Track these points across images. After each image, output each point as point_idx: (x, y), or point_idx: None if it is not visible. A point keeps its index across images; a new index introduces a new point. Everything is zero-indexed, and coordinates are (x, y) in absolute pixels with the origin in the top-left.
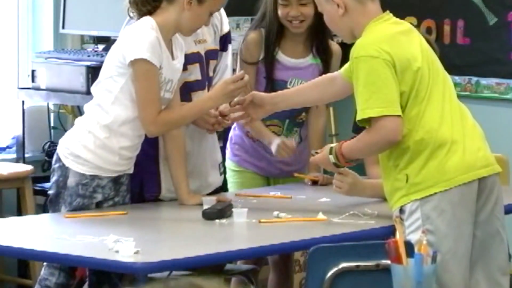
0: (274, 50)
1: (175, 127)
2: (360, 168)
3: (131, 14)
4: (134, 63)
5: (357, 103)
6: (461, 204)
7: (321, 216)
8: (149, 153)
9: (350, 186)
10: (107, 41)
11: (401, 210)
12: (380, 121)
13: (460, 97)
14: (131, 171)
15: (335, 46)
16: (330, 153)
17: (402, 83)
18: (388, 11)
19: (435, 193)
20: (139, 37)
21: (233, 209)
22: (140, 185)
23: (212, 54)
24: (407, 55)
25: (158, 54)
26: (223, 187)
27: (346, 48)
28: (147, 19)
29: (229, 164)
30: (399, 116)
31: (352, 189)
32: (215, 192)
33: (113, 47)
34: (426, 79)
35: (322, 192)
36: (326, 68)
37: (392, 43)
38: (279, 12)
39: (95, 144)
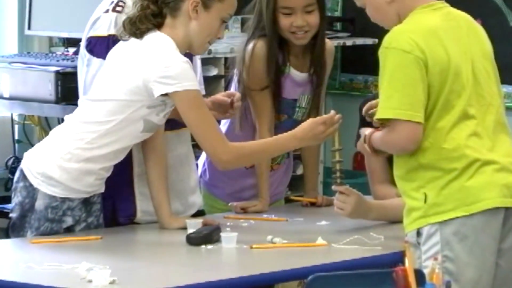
0: (285, 65)
1: (250, 162)
2: (364, 187)
3: (124, 37)
4: (176, 95)
5: (379, 98)
6: (485, 230)
7: (320, 241)
8: (121, 172)
9: (354, 207)
10: (79, 44)
11: (418, 233)
12: (397, 125)
13: None
14: (103, 190)
15: (328, 43)
16: (365, 140)
17: (432, 88)
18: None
19: (457, 217)
20: (170, 63)
21: (221, 233)
22: (112, 208)
23: None
24: (445, 57)
25: (193, 76)
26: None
27: (346, 50)
28: (163, 37)
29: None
30: (419, 123)
31: (356, 211)
32: (198, 214)
33: (122, 63)
34: (463, 89)
35: (321, 214)
36: (320, 79)
37: (430, 39)
38: (281, 22)
39: (73, 165)
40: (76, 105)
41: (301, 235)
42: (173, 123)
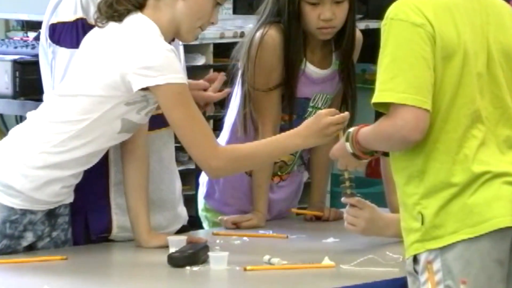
0: (301, 60)
1: (245, 167)
2: (380, 197)
3: (100, 23)
4: (158, 89)
5: (377, 79)
6: (491, 254)
7: (327, 261)
8: (96, 181)
9: (368, 222)
10: (40, 28)
11: (415, 260)
12: (400, 110)
13: None
14: (71, 199)
15: (357, 34)
16: (347, 139)
17: (437, 73)
18: None
19: (459, 241)
20: (152, 52)
21: (210, 253)
22: (84, 222)
23: None
24: (456, 40)
25: (180, 67)
26: (195, 223)
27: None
28: (144, 21)
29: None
30: (428, 111)
31: (370, 227)
32: (183, 229)
33: (97, 52)
34: (476, 84)
35: (328, 230)
36: (351, 76)
37: (443, 16)
38: (307, 14)
39: (38, 172)
40: (38, 100)
41: (304, 254)
42: (154, 122)
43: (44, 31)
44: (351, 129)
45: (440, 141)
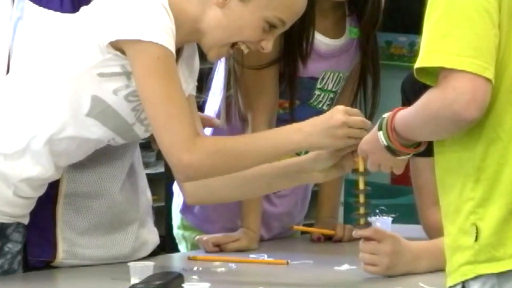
0: (308, 28)
1: (226, 166)
2: (408, 210)
3: None
4: (131, 47)
5: (423, 39)
6: None
7: None
8: (40, 197)
9: (391, 258)
10: None
11: None
12: (452, 78)
13: None
14: (26, 221)
15: None
16: (380, 128)
17: (502, 34)
18: None
19: None
20: (143, 12)
21: (184, 284)
22: (23, 245)
23: None
24: None
25: (173, 44)
26: (167, 244)
27: None
28: None
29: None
30: (489, 81)
31: (395, 264)
32: (152, 253)
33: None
34: None
35: (341, 254)
36: (369, 45)
37: None
38: None
39: None
40: None
41: (311, 287)
42: None
43: None
44: (385, 114)
45: (504, 125)
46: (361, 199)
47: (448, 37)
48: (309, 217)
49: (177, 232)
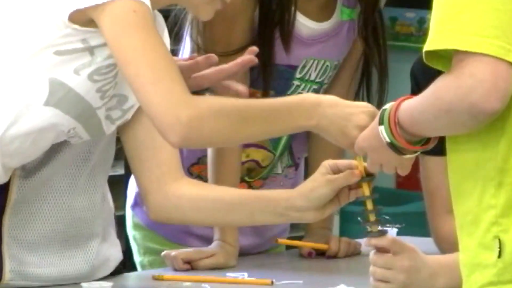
0: (289, 9)
1: (232, 124)
2: (416, 219)
3: None
4: (101, 12)
5: (433, 18)
6: None
7: None
8: None
9: (408, 275)
10: None
11: None
12: (469, 62)
13: None
14: None
15: None
16: (382, 121)
17: None
18: None
19: None
20: None
21: None
22: None
23: None
24: None
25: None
26: (130, 261)
27: None
28: None
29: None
30: None
31: (412, 281)
32: (115, 272)
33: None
34: None
35: (336, 272)
36: (372, 26)
37: None
38: None
39: None
40: None
41: None
42: None
43: None
44: (387, 106)
45: None
46: (369, 205)
47: (463, 14)
48: (298, 228)
49: (129, 233)
